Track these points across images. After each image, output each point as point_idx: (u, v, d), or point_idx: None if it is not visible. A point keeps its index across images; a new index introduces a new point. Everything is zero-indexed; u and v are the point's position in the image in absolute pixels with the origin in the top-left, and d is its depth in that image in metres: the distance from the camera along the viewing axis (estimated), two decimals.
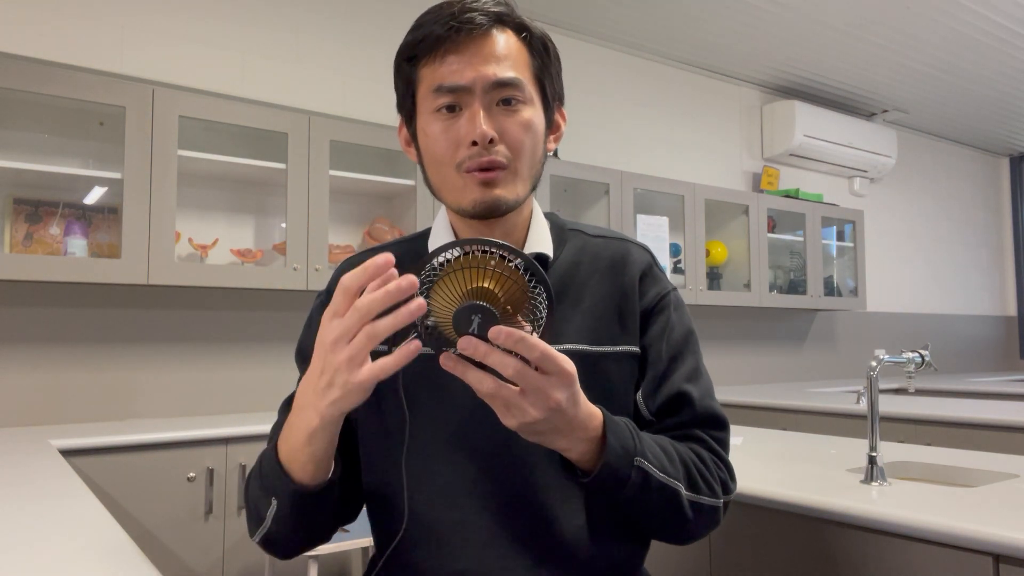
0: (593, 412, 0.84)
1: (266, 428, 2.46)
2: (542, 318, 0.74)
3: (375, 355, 0.75)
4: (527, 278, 0.73)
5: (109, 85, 2.50)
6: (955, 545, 1.16)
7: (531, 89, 0.95)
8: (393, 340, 0.75)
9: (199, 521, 2.35)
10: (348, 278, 0.73)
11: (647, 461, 0.87)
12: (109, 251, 2.67)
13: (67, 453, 2.11)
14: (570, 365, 0.76)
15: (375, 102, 3.34)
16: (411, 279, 0.71)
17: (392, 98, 3.76)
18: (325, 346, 0.75)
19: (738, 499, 1.43)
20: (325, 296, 1.06)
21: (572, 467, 0.87)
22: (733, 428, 2.19)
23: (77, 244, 2.55)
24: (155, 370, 2.79)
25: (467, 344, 0.71)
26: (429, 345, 0.75)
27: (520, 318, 0.73)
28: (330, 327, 0.75)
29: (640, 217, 3.77)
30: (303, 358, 1.06)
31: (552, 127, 1.02)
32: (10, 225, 2.55)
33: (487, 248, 0.72)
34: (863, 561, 1.28)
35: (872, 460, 1.46)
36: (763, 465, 1.66)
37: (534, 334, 0.73)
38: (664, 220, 3.85)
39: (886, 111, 5.35)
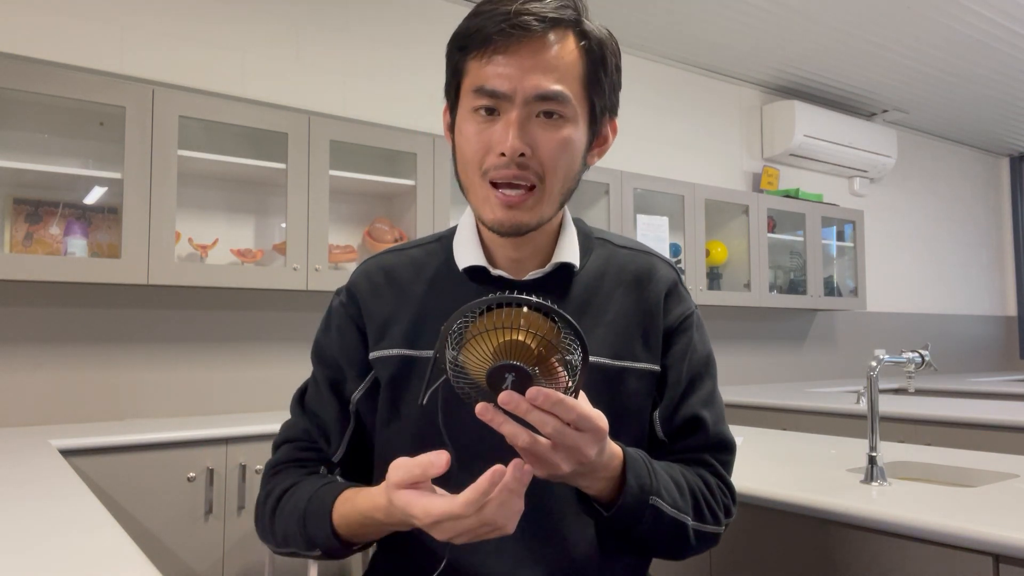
0: (615, 452, 0.84)
1: (266, 428, 2.46)
2: (577, 367, 0.73)
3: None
4: (558, 329, 0.72)
5: (109, 85, 2.50)
6: (955, 545, 1.16)
7: (577, 104, 0.90)
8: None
9: (199, 521, 2.35)
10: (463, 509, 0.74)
11: (661, 499, 0.87)
12: (109, 251, 2.67)
13: (67, 453, 2.10)
14: (603, 422, 0.76)
15: (375, 102, 3.34)
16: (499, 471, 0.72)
17: (392, 98, 3.74)
18: (427, 528, 0.76)
19: (738, 499, 1.43)
20: (346, 296, 1.04)
21: (587, 499, 0.87)
22: (734, 428, 2.19)
23: (77, 244, 2.55)
24: (155, 370, 2.79)
25: (509, 399, 0.71)
26: (463, 390, 0.75)
27: (555, 362, 0.73)
28: (443, 530, 0.74)
29: (640, 217, 3.77)
30: (320, 358, 1.04)
31: (598, 140, 0.97)
32: (10, 225, 2.55)
33: (517, 303, 0.72)
34: (863, 561, 1.28)
35: (872, 460, 1.46)
36: (763, 465, 1.66)
37: (570, 382, 0.73)
38: (664, 220, 3.85)
39: (886, 111, 5.35)
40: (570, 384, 0.73)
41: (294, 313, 3.09)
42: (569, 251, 0.99)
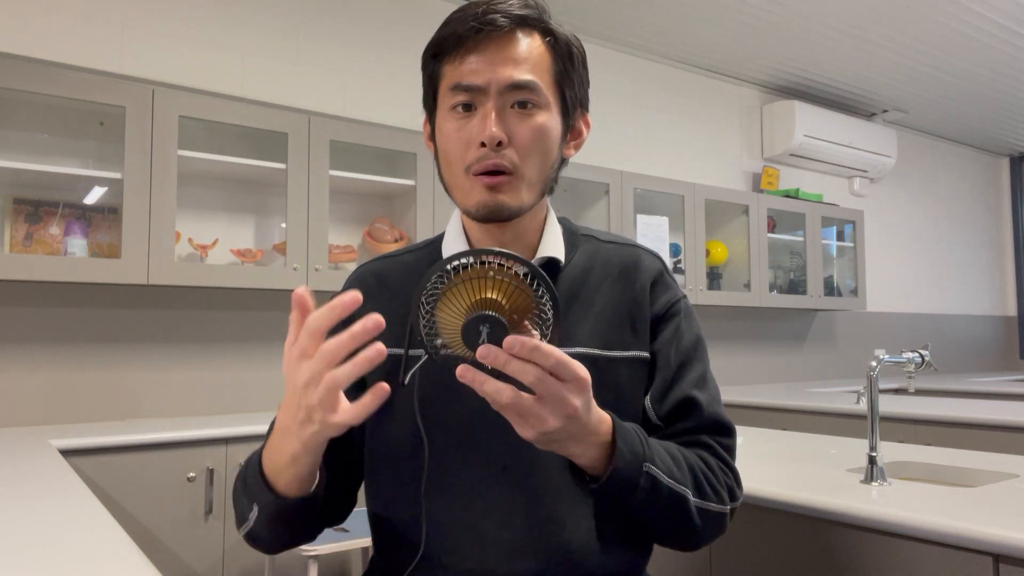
0: (603, 417, 0.84)
1: (266, 428, 2.46)
2: (549, 322, 0.74)
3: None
4: (530, 283, 0.72)
5: (109, 85, 2.50)
6: (955, 545, 1.16)
7: (549, 94, 0.95)
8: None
9: (199, 521, 2.35)
10: (314, 319, 0.72)
11: (656, 467, 0.87)
12: (109, 251, 2.67)
13: (67, 453, 2.11)
14: (584, 371, 0.76)
15: (375, 102, 3.34)
16: (376, 318, 0.70)
17: (392, 98, 3.74)
18: (296, 387, 0.75)
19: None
20: None
21: (581, 473, 0.87)
22: None
23: (77, 244, 2.55)
24: (155, 370, 2.79)
25: (486, 352, 0.70)
26: (440, 360, 0.76)
27: (528, 324, 0.73)
28: (300, 369, 0.74)
29: (640, 217, 3.77)
30: None
31: (572, 133, 1.02)
32: (10, 225, 2.55)
33: (486, 258, 0.72)
34: (863, 561, 1.28)
35: (872, 460, 1.46)
36: (763, 465, 1.66)
37: (543, 340, 0.74)
38: (664, 220, 3.85)
39: (886, 111, 5.35)
40: (543, 337, 0.74)
41: None
42: (553, 246, 1.02)
